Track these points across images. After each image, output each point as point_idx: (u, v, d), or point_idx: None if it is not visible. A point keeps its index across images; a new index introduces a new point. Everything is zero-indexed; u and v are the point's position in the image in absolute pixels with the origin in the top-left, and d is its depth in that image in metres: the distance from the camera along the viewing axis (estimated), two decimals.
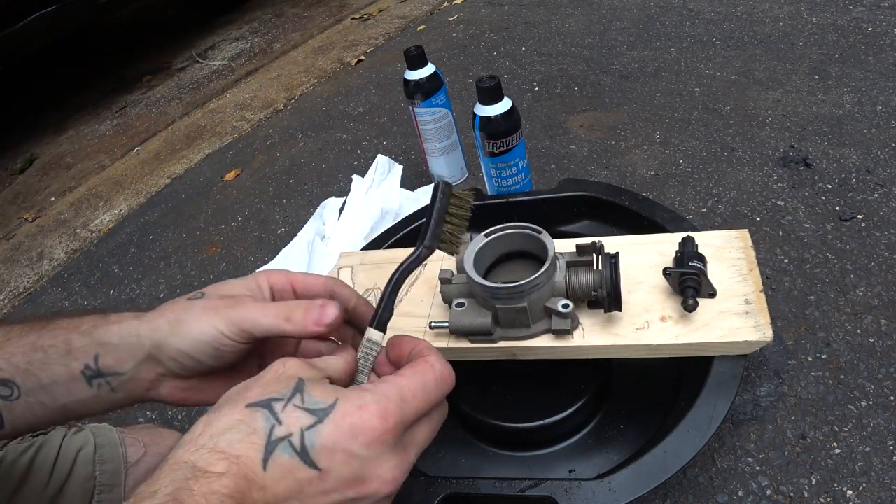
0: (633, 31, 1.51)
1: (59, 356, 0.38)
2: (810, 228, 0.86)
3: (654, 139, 1.12)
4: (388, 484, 0.31)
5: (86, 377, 0.38)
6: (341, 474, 0.30)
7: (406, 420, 0.32)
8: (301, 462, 0.30)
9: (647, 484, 0.49)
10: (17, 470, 0.60)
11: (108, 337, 0.38)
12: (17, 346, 0.38)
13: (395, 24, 2.02)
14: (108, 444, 0.67)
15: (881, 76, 1.11)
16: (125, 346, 0.38)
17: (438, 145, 1.09)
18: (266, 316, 0.37)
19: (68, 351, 0.38)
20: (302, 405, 0.31)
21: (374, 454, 0.31)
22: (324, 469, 0.30)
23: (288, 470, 0.30)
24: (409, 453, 0.33)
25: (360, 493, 0.31)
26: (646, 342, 0.57)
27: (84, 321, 0.39)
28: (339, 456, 0.30)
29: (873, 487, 0.59)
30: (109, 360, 0.38)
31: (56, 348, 0.38)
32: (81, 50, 3.01)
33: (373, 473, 0.31)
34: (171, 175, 1.56)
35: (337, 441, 0.30)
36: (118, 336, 0.38)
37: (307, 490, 0.30)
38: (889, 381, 0.66)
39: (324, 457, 0.30)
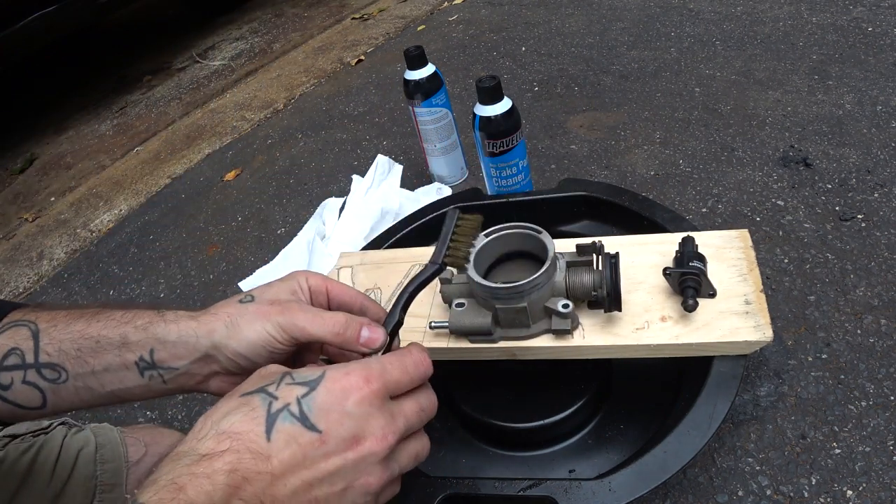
0: (633, 31, 1.51)
1: (113, 347, 0.41)
2: (810, 228, 0.86)
3: (654, 139, 1.12)
4: (380, 441, 0.33)
5: (139, 368, 0.41)
6: (339, 434, 0.32)
7: (388, 385, 0.35)
8: (303, 426, 0.32)
9: (647, 484, 0.49)
10: (18, 470, 0.60)
11: (165, 335, 0.41)
12: (65, 332, 0.41)
13: (395, 24, 2.02)
14: (109, 443, 0.67)
15: (881, 76, 1.11)
16: (182, 345, 0.41)
17: (438, 145, 1.09)
18: (315, 326, 0.40)
19: (124, 343, 0.41)
20: (293, 381, 0.34)
21: (364, 412, 0.33)
22: (324, 430, 0.32)
23: (291, 436, 0.31)
24: (397, 420, 0.35)
25: (358, 452, 0.33)
26: (646, 342, 0.57)
27: (139, 316, 0.42)
28: (334, 416, 0.32)
29: (873, 487, 0.59)
30: (164, 356, 0.41)
31: (109, 339, 0.41)
32: (81, 50, 3.01)
33: (366, 431, 0.33)
34: (171, 175, 1.56)
35: (332, 403, 0.33)
36: (176, 335, 0.41)
37: (311, 454, 0.32)
38: (889, 381, 0.66)
39: (322, 418, 0.32)
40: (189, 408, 0.88)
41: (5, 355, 0.41)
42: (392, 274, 0.73)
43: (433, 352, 0.63)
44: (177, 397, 0.90)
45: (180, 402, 0.89)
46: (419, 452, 0.38)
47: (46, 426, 0.67)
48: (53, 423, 0.68)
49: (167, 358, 0.41)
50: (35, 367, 0.41)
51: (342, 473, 0.32)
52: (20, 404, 0.42)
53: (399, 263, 0.74)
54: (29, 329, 0.41)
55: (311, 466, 0.32)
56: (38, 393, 0.41)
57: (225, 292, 1.07)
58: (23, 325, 0.42)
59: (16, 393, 0.41)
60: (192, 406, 0.88)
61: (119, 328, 0.41)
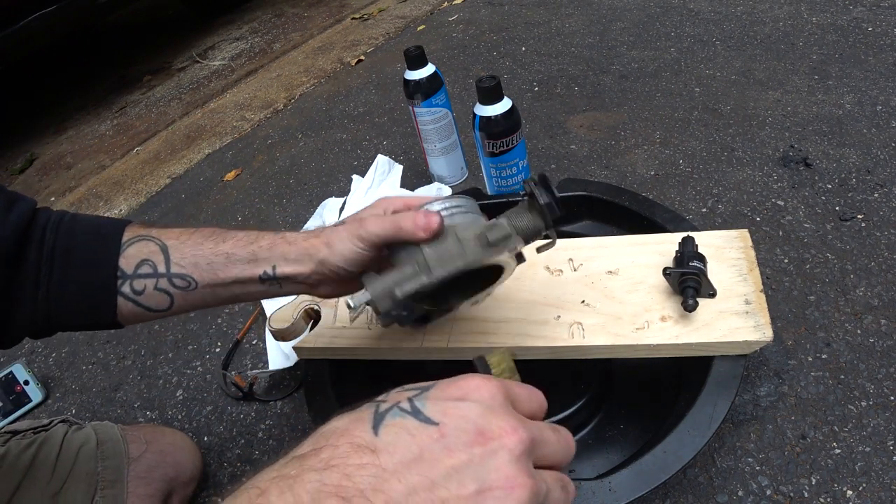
0: (633, 31, 1.51)
1: (243, 262, 0.50)
2: (810, 228, 0.86)
3: (654, 139, 1.12)
4: (511, 434, 0.28)
5: (261, 279, 0.50)
6: (460, 427, 0.27)
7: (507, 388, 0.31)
8: (416, 419, 0.28)
9: (647, 484, 0.49)
10: (20, 466, 0.60)
11: (287, 253, 0.50)
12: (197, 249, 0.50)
13: (395, 24, 2.02)
14: (109, 440, 0.67)
15: (881, 76, 1.11)
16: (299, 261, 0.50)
17: (438, 145, 1.09)
18: (379, 227, 0.47)
19: (252, 259, 0.50)
20: (404, 388, 0.31)
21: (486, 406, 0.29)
22: (441, 423, 0.27)
23: (403, 428, 0.27)
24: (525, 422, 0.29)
25: (487, 447, 0.27)
26: (646, 342, 0.57)
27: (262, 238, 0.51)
28: (452, 409, 0.28)
29: (873, 487, 0.59)
30: (286, 269, 0.50)
31: (239, 256, 0.50)
32: (81, 50, 3.01)
33: (492, 423, 0.28)
34: (171, 175, 1.56)
35: (447, 397, 0.29)
36: (296, 253, 0.50)
37: (429, 447, 0.27)
38: (889, 381, 0.66)
39: (437, 411, 0.28)
40: (189, 408, 0.88)
41: (138, 265, 0.48)
42: None
43: (435, 352, 0.63)
44: (177, 397, 0.90)
45: (180, 403, 0.89)
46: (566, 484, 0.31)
47: (47, 423, 0.67)
48: (54, 421, 0.68)
49: (288, 272, 0.50)
50: (167, 276, 0.49)
51: (471, 471, 0.26)
52: (150, 307, 0.50)
53: None
54: (156, 244, 0.49)
55: (431, 461, 0.26)
56: (168, 298, 0.50)
57: None
58: (149, 239, 0.50)
59: (147, 297, 0.49)
60: (192, 406, 0.88)
61: (248, 247, 0.50)
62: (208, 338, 0.99)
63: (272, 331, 0.72)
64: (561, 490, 0.30)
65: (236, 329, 0.98)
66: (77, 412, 0.94)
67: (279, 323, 0.72)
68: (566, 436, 0.32)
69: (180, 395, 0.91)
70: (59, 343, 1.08)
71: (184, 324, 1.03)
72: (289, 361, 0.85)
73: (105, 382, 0.97)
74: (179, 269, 0.49)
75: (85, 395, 0.96)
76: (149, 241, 0.50)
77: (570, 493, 0.31)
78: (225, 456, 0.79)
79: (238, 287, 0.51)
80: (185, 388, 0.92)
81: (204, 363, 0.95)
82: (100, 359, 1.02)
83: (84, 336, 1.08)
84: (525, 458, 0.28)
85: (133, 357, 1.00)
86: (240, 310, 1.02)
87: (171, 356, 0.98)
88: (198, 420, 0.86)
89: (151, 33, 2.96)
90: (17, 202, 0.49)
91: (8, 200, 0.49)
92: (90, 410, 0.93)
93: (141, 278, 0.49)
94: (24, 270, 0.48)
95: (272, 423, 0.82)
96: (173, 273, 0.49)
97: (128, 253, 0.49)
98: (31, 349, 1.09)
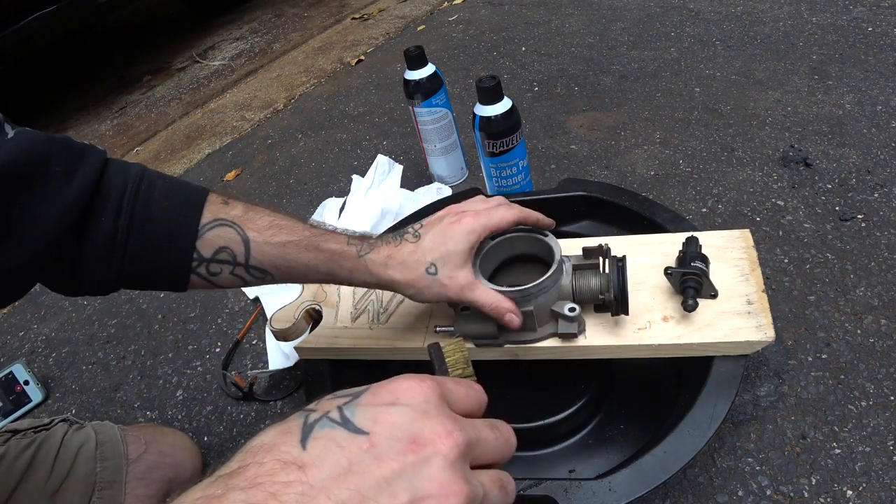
0: (633, 31, 1.51)
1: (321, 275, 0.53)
2: (810, 228, 0.86)
3: (654, 139, 1.12)
4: (445, 438, 0.27)
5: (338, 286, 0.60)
6: (392, 435, 0.26)
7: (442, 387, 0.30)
8: (345, 430, 0.26)
9: (647, 484, 0.49)
10: (18, 465, 0.60)
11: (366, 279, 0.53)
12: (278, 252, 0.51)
13: (395, 24, 2.02)
14: (109, 440, 0.67)
15: (881, 76, 1.11)
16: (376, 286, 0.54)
17: (438, 145, 1.09)
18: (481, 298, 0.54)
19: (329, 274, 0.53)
20: (335, 395, 0.30)
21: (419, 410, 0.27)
22: (371, 432, 0.26)
23: (332, 440, 0.26)
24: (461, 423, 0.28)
25: (420, 454, 0.26)
26: (647, 342, 0.57)
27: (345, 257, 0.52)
28: (382, 416, 0.27)
29: (873, 487, 0.59)
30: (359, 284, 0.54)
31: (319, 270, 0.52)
32: (81, 50, 3.01)
33: (425, 428, 0.27)
34: (172, 175, 1.56)
35: (378, 402, 0.28)
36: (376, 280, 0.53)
37: (360, 460, 0.26)
38: (889, 381, 0.66)
39: (367, 420, 0.27)
40: (189, 408, 0.88)
41: (217, 251, 0.50)
42: None
43: None
44: (177, 397, 0.90)
45: (180, 403, 0.89)
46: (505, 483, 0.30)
47: (48, 423, 0.67)
48: (55, 420, 0.68)
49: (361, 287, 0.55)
50: (245, 267, 0.51)
51: (403, 480, 0.25)
52: (221, 285, 0.52)
53: None
54: (237, 233, 0.50)
55: (361, 473, 0.25)
56: (241, 281, 0.52)
57: (225, 292, 1.07)
58: (230, 226, 0.50)
59: (221, 279, 0.51)
60: (192, 406, 0.88)
61: (328, 265, 0.52)
62: (208, 338, 0.99)
63: (273, 331, 0.72)
64: (499, 490, 0.29)
65: (236, 329, 0.98)
66: (77, 412, 0.94)
67: (280, 323, 0.72)
68: (505, 432, 0.32)
69: (180, 395, 0.91)
70: (59, 343, 1.08)
71: (184, 324, 1.03)
72: (289, 361, 0.85)
73: (105, 382, 0.97)
74: (258, 262, 0.51)
75: (85, 395, 0.96)
76: (229, 229, 0.50)
77: (510, 493, 0.30)
78: (225, 456, 0.79)
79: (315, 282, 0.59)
80: (185, 388, 0.92)
81: (204, 363, 0.95)
82: (100, 359, 1.02)
83: (84, 336, 1.08)
84: (460, 463, 0.27)
85: (133, 357, 1.00)
86: (240, 310, 1.02)
87: (172, 356, 0.98)
88: (198, 420, 0.86)
89: (151, 33, 2.96)
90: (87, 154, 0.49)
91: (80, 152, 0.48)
92: (90, 410, 0.93)
93: (218, 263, 0.50)
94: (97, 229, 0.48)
95: (272, 423, 0.81)
96: (251, 265, 0.51)
97: (207, 237, 0.50)
98: (31, 349, 1.09)
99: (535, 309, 0.56)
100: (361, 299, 0.71)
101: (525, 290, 0.54)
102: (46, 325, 1.13)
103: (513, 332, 0.59)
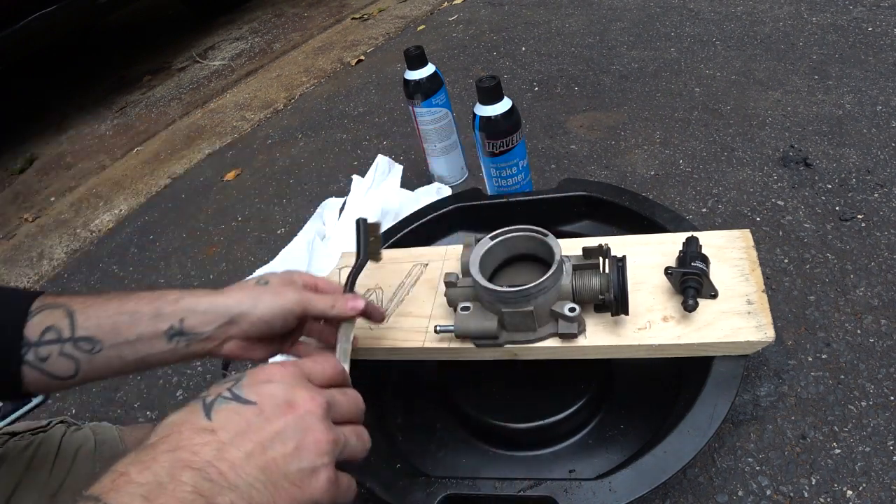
0: (633, 31, 1.51)
1: (148, 319, 0.48)
2: (810, 228, 0.86)
3: (654, 139, 1.12)
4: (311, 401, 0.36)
5: (167, 335, 0.49)
6: (273, 402, 0.35)
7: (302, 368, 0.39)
8: (238, 403, 0.35)
9: (648, 484, 0.49)
10: (17, 468, 0.60)
11: (195, 306, 0.49)
12: (102, 310, 0.48)
13: (395, 24, 2.02)
14: (108, 441, 0.67)
15: (881, 76, 1.11)
16: (211, 313, 0.49)
17: (438, 145, 1.09)
18: (320, 302, 0.52)
19: (157, 314, 0.48)
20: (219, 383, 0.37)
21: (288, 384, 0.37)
22: (258, 401, 0.35)
23: (231, 410, 0.35)
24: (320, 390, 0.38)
25: (297, 413, 0.35)
26: (648, 342, 0.57)
27: (168, 293, 0.50)
28: (263, 390, 0.36)
29: (873, 487, 0.59)
30: (193, 322, 0.49)
31: (143, 312, 0.48)
32: (81, 50, 3.01)
33: (295, 396, 0.36)
34: (171, 175, 1.56)
35: (256, 382, 0.37)
36: (206, 305, 0.49)
37: (254, 421, 0.34)
38: (889, 381, 0.66)
39: (252, 394, 0.36)
40: None
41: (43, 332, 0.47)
42: (393, 274, 0.73)
43: (436, 352, 0.63)
44: (177, 397, 0.90)
45: (180, 403, 0.89)
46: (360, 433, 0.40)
47: (45, 424, 0.67)
48: (53, 422, 0.68)
49: (196, 325, 0.49)
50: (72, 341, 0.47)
51: (288, 432, 0.34)
52: (55, 375, 0.48)
53: (400, 263, 0.74)
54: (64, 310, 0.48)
55: (258, 430, 0.34)
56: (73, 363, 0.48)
57: None
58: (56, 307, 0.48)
59: (52, 364, 0.47)
60: None
61: (153, 303, 0.49)
62: None
63: None
64: (357, 439, 0.39)
65: None
66: (77, 412, 0.94)
67: None
68: (353, 395, 0.41)
69: (180, 395, 0.91)
70: None
71: None
72: None
73: (105, 382, 0.97)
74: (84, 331, 0.48)
75: (85, 395, 0.96)
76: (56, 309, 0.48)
77: (366, 441, 0.40)
78: None
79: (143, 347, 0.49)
80: (185, 388, 0.92)
81: (204, 363, 0.95)
82: None
83: None
84: (326, 417, 0.37)
85: None
86: None
87: None
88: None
89: (151, 33, 2.96)
90: None
91: None
92: (90, 410, 0.93)
93: (46, 345, 0.47)
94: None
95: None
96: (78, 337, 0.47)
97: (34, 321, 0.48)
98: None
99: (535, 309, 0.56)
100: None
101: (525, 290, 0.54)
102: None
103: (512, 333, 0.59)
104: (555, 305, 0.57)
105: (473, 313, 0.59)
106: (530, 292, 0.55)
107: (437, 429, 0.72)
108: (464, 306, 0.60)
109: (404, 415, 0.75)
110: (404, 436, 0.72)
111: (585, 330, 0.59)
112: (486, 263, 0.59)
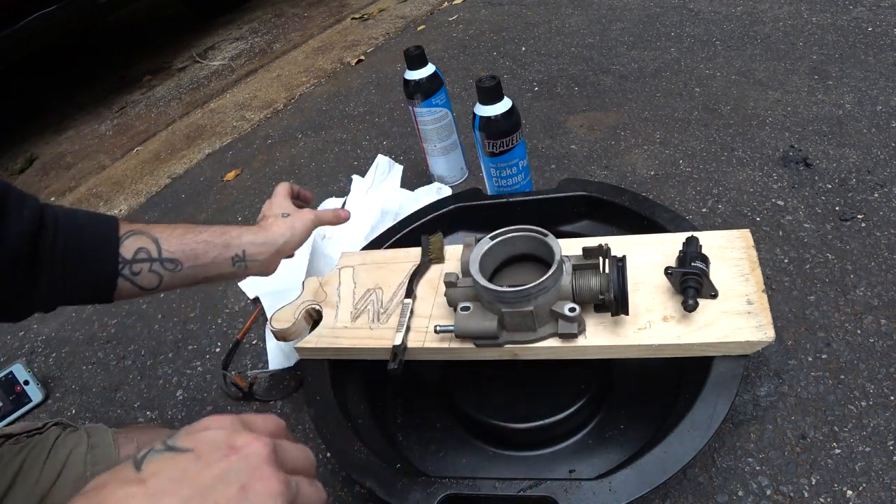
0: (633, 31, 1.51)
1: (218, 248, 0.63)
2: (810, 228, 0.86)
3: (654, 139, 1.12)
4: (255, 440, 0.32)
5: (233, 261, 0.64)
6: (212, 446, 0.31)
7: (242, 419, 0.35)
8: (171, 452, 0.31)
9: (648, 484, 0.49)
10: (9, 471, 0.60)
11: (254, 239, 0.65)
12: (182, 238, 0.61)
13: (395, 24, 2.02)
14: (101, 444, 0.67)
15: (881, 76, 1.11)
16: (266, 244, 0.65)
17: (438, 145, 1.09)
18: (326, 216, 0.72)
19: (226, 245, 0.63)
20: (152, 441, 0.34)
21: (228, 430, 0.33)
22: (194, 448, 0.31)
23: (164, 459, 0.31)
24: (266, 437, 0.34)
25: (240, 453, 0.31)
26: (648, 342, 0.57)
27: (231, 230, 0.64)
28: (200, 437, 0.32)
29: (873, 487, 0.59)
30: (253, 251, 0.65)
31: (215, 243, 0.62)
32: (81, 50, 3.01)
33: (237, 439, 0.32)
34: (171, 175, 1.56)
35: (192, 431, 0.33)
36: (262, 238, 0.65)
37: (190, 468, 0.30)
38: (889, 381, 0.66)
39: (188, 441, 0.32)
40: (189, 408, 0.88)
41: (136, 252, 0.59)
42: (393, 273, 0.73)
43: (436, 352, 0.63)
44: (177, 397, 0.90)
45: (180, 403, 0.89)
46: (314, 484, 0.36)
47: (41, 426, 0.67)
48: (48, 424, 0.68)
49: (255, 253, 0.65)
50: (160, 261, 0.60)
51: (231, 475, 0.30)
52: (143, 286, 0.60)
53: (400, 263, 0.74)
54: (149, 237, 0.60)
55: (196, 475, 0.30)
56: (158, 278, 0.60)
57: (225, 292, 1.07)
58: (141, 233, 0.60)
59: (142, 278, 0.59)
60: (191, 406, 0.88)
61: (222, 237, 0.63)
62: (208, 338, 0.99)
63: (273, 331, 0.72)
64: (310, 485, 0.35)
65: (236, 329, 0.98)
66: (77, 412, 0.94)
67: (280, 323, 0.72)
68: (303, 447, 0.37)
69: (180, 395, 0.91)
70: (59, 343, 1.08)
71: (184, 324, 1.03)
72: (289, 361, 0.85)
73: (105, 382, 0.97)
74: (169, 254, 0.60)
75: (85, 396, 0.96)
76: (142, 235, 0.60)
77: (322, 494, 0.36)
78: None
79: (215, 268, 0.63)
80: (185, 388, 0.92)
81: (204, 363, 0.95)
82: (100, 359, 1.02)
83: (84, 336, 1.08)
84: (273, 459, 0.32)
85: (133, 357, 1.00)
86: (240, 310, 1.02)
87: (171, 356, 0.98)
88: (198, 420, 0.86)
89: (151, 33, 2.96)
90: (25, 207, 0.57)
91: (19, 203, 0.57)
92: (90, 410, 0.93)
93: (138, 262, 0.59)
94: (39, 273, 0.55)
95: None
96: (164, 258, 0.60)
97: (126, 243, 0.59)
98: (31, 349, 1.09)
99: (535, 309, 0.56)
100: (361, 299, 0.72)
101: (525, 290, 0.54)
102: (46, 325, 1.13)
103: (512, 332, 0.59)
104: (555, 305, 0.57)
105: (473, 313, 0.59)
106: (530, 292, 0.55)
107: (437, 429, 0.72)
108: (464, 306, 0.60)
109: (404, 415, 0.75)
110: (404, 436, 0.72)
111: (585, 330, 0.59)
112: (486, 263, 0.59)
